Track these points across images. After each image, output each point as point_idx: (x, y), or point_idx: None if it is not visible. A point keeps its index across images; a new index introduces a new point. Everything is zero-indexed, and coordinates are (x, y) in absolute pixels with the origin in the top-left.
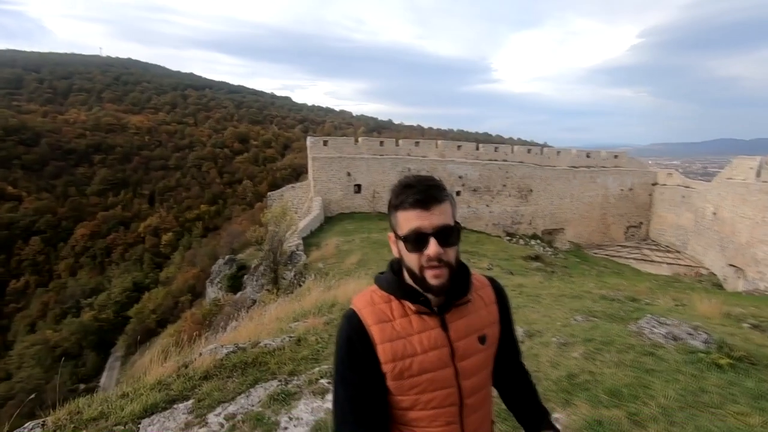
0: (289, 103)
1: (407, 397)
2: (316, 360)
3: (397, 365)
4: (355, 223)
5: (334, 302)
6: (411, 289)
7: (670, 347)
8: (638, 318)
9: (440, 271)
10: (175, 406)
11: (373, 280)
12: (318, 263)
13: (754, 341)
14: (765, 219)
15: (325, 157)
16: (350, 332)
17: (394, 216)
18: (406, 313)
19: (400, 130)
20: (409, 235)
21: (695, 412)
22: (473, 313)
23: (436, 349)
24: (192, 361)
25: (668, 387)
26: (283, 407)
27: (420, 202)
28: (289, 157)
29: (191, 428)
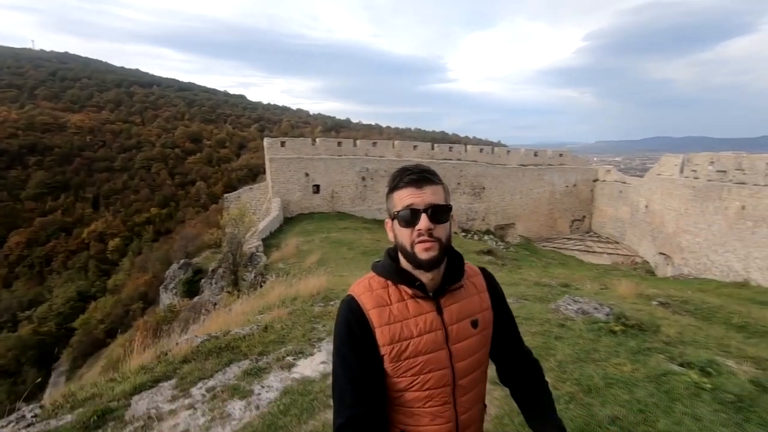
0: (243, 101)
1: (403, 379)
2: (282, 342)
3: (395, 347)
4: (315, 223)
5: (296, 296)
6: (408, 274)
7: (579, 320)
8: (558, 298)
9: (430, 244)
10: (160, 385)
11: (371, 267)
12: (279, 263)
13: (654, 314)
14: (688, 210)
15: (282, 158)
16: (349, 316)
17: (390, 198)
18: (403, 297)
19: (358, 129)
20: (402, 211)
21: (584, 365)
22: (466, 298)
23: (431, 332)
24: (170, 349)
25: (568, 348)
26: (256, 379)
27: (414, 181)
28: (245, 157)
29: (177, 400)
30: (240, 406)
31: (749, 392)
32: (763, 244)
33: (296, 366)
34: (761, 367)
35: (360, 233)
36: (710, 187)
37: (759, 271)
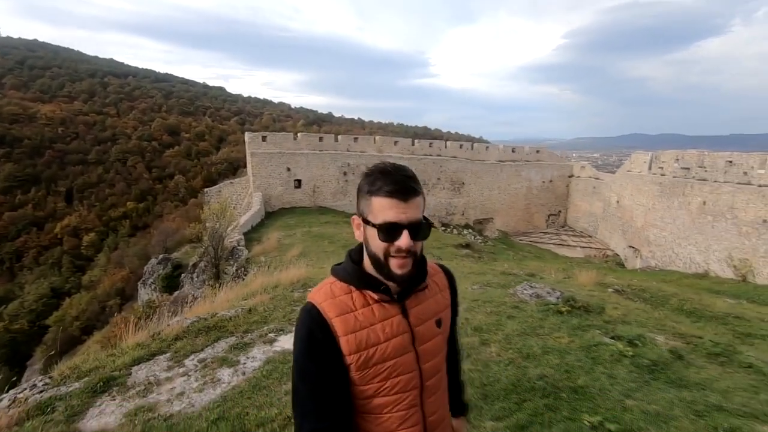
0: (223, 93)
1: (371, 385)
2: (264, 322)
3: (362, 355)
4: (296, 217)
5: (278, 284)
6: (372, 279)
7: (532, 302)
8: (518, 285)
9: (406, 261)
10: (156, 358)
11: (330, 271)
12: (260, 257)
13: (606, 300)
14: (655, 206)
15: (264, 152)
16: (312, 326)
17: (367, 201)
18: (368, 302)
19: (340, 123)
20: (384, 224)
21: (528, 337)
22: (430, 298)
23: (398, 335)
24: (162, 330)
25: (517, 325)
26: (242, 352)
27: (399, 192)
28: (224, 151)
29: (173, 369)
30: (228, 373)
31: (665, 359)
32: (721, 238)
33: (277, 341)
34: (686, 342)
35: (341, 227)
36: (675, 183)
37: (717, 262)
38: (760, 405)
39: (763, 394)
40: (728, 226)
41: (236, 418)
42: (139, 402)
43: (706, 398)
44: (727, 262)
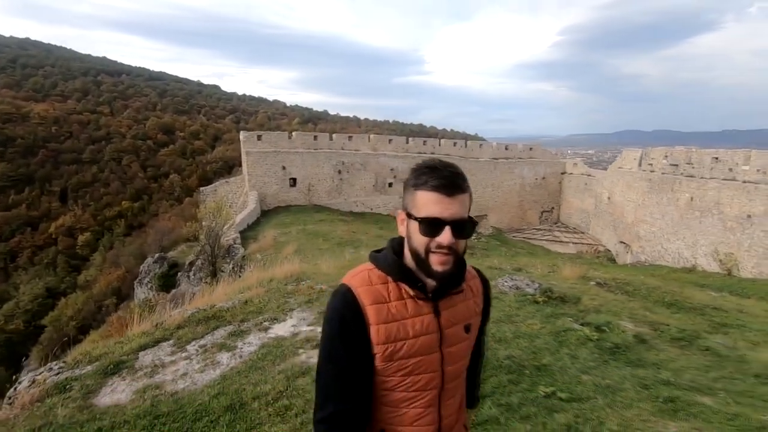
0: (218, 91)
1: (393, 378)
2: (260, 312)
3: (389, 347)
4: (292, 215)
5: (272, 278)
6: (410, 273)
7: (511, 293)
8: (500, 278)
9: (447, 258)
10: (160, 344)
11: (368, 257)
12: (256, 254)
13: (586, 292)
14: (644, 202)
15: (259, 151)
16: (344, 310)
17: (412, 195)
18: (403, 296)
19: (335, 121)
20: (427, 218)
21: (502, 324)
22: (463, 302)
23: (427, 334)
24: (164, 320)
25: (493, 313)
26: (239, 338)
27: (445, 186)
28: (220, 150)
29: (176, 354)
30: (227, 356)
31: (628, 342)
32: (708, 233)
33: (271, 329)
34: (653, 328)
35: (335, 225)
36: (664, 179)
37: (704, 257)
38: (706, 381)
39: (713, 372)
40: (714, 221)
41: (234, 393)
42: (147, 381)
43: (658, 375)
44: (714, 256)
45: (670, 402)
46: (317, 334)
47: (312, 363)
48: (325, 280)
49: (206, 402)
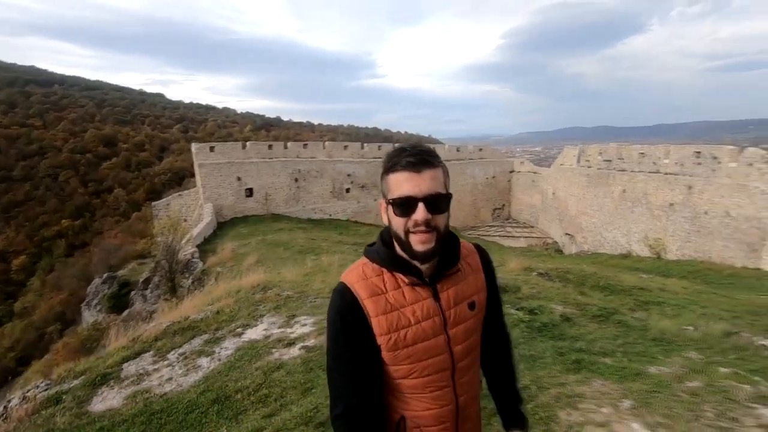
0: (162, 100)
1: (402, 367)
2: (232, 320)
3: (392, 337)
4: (250, 226)
5: (240, 289)
6: (403, 261)
7: None
8: None
9: (427, 236)
10: (142, 356)
11: (363, 253)
12: (216, 267)
13: (527, 282)
14: (584, 196)
15: (212, 163)
16: (343, 307)
17: (385, 180)
18: (399, 285)
19: (289, 128)
20: (398, 199)
21: None
22: (462, 281)
23: (429, 318)
24: (141, 334)
25: None
26: (215, 345)
27: (412, 164)
28: (168, 161)
29: (158, 363)
30: (206, 361)
31: (555, 321)
32: (639, 221)
33: (245, 334)
34: (579, 309)
35: (295, 233)
36: (600, 174)
37: (637, 243)
38: (612, 347)
39: (620, 339)
40: (643, 210)
41: (218, 388)
42: (135, 388)
43: (574, 345)
44: (645, 242)
45: (576, 363)
46: (287, 335)
47: (285, 359)
48: (290, 287)
49: (194, 398)
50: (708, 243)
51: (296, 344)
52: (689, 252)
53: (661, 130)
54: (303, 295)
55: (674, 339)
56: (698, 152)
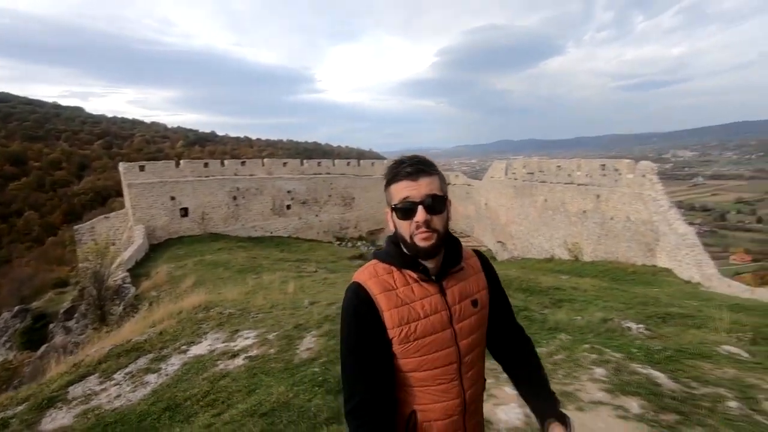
0: (81, 114)
1: (412, 359)
2: (176, 339)
3: (403, 329)
4: (186, 247)
5: (181, 310)
6: (411, 259)
7: None
8: None
9: (429, 234)
10: (87, 378)
11: (372, 255)
12: (151, 292)
13: None
14: (512, 205)
15: (143, 182)
16: (358, 303)
17: (387, 191)
18: (408, 281)
19: (225, 143)
20: (399, 204)
21: None
22: (465, 279)
23: (436, 312)
24: (82, 359)
25: None
26: (161, 362)
27: (409, 174)
28: (89, 180)
29: (105, 383)
30: (154, 377)
31: None
32: (559, 227)
33: (190, 350)
34: None
35: (235, 253)
36: (524, 185)
37: (558, 248)
38: None
39: None
40: (562, 217)
41: (168, 399)
42: (85, 407)
43: None
44: (565, 246)
45: None
46: (231, 348)
47: (230, 369)
48: (232, 305)
49: (146, 409)
50: (614, 245)
51: (240, 355)
52: (600, 253)
53: (580, 142)
54: (245, 312)
55: (565, 327)
56: (603, 165)
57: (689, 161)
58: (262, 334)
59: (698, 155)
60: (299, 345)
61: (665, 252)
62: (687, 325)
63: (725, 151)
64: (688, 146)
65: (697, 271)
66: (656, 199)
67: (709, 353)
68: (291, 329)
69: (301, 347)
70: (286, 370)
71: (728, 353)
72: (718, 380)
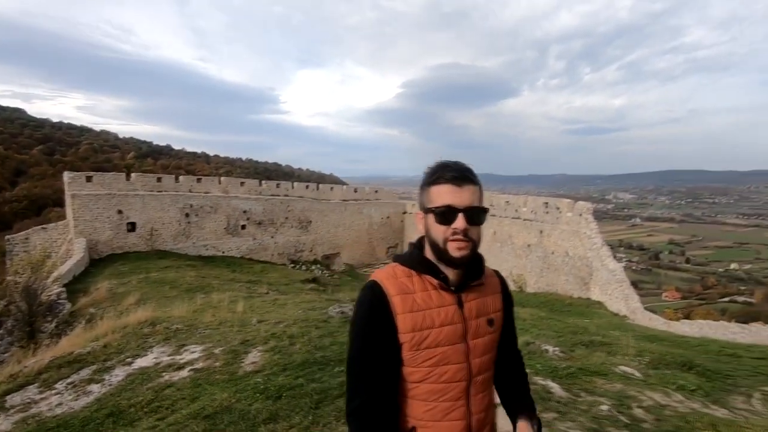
0: (22, 116)
1: (421, 369)
2: (121, 352)
3: (416, 336)
4: (130, 263)
5: (126, 325)
6: (433, 265)
7: (336, 317)
8: (330, 306)
9: (464, 244)
10: (26, 388)
11: (392, 259)
12: (89, 309)
13: None
14: None
15: (89, 194)
16: (373, 300)
17: (426, 192)
18: (427, 287)
19: (181, 157)
20: (440, 207)
21: (324, 338)
22: (484, 296)
23: (452, 324)
24: (20, 370)
25: (319, 331)
26: (105, 373)
27: (455, 179)
28: (24, 186)
29: (45, 392)
30: (97, 386)
31: None
32: (507, 259)
33: (135, 363)
34: None
35: (184, 271)
36: None
37: (506, 278)
38: None
39: None
40: (509, 249)
41: (112, 406)
42: (24, 415)
43: None
44: (511, 277)
45: None
46: (177, 361)
47: (174, 380)
48: (179, 321)
49: (89, 414)
50: (555, 278)
51: (186, 368)
52: (542, 285)
53: (532, 179)
54: (192, 328)
55: None
56: (546, 203)
57: (628, 203)
58: (208, 348)
59: (636, 198)
60: (244, 359)
61: (598, 286)
62: (603, 351)
63: (659, 196)
64: (627, 189)
65: (624, 304)
66: (591, 237)
67: (606, 372)
68: (237, 344)
69: (246, 361)
70: (230, 380)
71: (623, 372)
72: (604, 392)
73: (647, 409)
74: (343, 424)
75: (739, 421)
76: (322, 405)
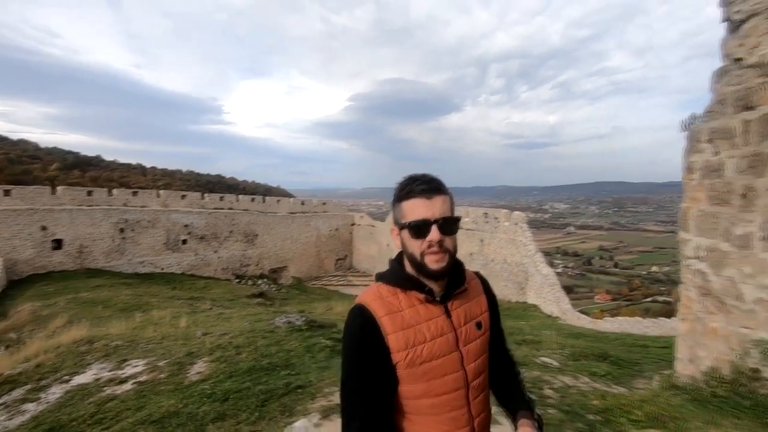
0: None
1: (420, 385)
2: (57, 371)
3: (409, 353)
4: (56, 283)
5: (59, 344)
6: (416, 281)
7: (283, 327)
8: (277, 317)
9: (440, 256)
10: None
11: (375, 278)
12: (9, 333)
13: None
14: None
15: (7, 209)
16: (362, 324)
17: (398, 207)
18: (413, 303)
19: (113, 169)
20: (413, 222)
21: (270, 347)
22: (469, 301)
23: (442, 335)
24: None
25: (265, 341)
26: (41, 392)
27: (424, 191)
28: None
29: None
30: (33, 405)
31: None
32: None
33: (73, 380)
34: None
35: (118, 290)
36: None
37: None
38: None
39: None
40: None
41: (51, 422)
42: None
43: None
44: None
45: None
46: (119, 376)
47: (117, 393)
48: (119, 338)
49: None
50: (495, 284)
51: (129, 381)
52: None
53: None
54: (134, 343)
55: None
56: (486, 213)
57: (563, 213)
58: (152, 362)
59: (570, 208)
60: (190, 369)
61: (533, 290)
62: (531, 347)
63: (590, 206)
64: (562, 200)
65: (557, 306)
66: (526, 245)
67: (528, 362)
68: (182, 356)
69: (192, 371)
70: (176, 390)
71: (543, 363)
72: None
73: (556, 389)
74: (288, 416)
75: (626, 393)
76: (269, 403)
